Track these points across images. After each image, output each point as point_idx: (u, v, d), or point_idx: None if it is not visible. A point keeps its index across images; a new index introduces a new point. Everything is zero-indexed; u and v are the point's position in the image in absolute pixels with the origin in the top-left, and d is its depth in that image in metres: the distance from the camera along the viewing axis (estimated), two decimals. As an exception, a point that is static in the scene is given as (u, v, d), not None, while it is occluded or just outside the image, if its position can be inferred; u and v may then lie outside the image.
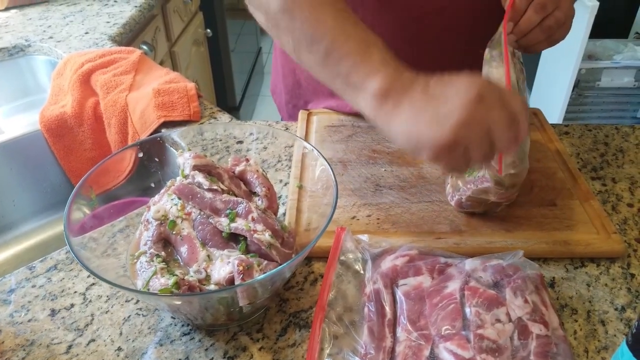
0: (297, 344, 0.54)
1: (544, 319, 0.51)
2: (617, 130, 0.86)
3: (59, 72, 1.10)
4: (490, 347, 0.48)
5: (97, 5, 1.46)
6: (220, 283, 0.51)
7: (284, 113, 1.02)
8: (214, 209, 0.56)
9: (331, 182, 0.56)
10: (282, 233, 0.55)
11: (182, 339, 0.55)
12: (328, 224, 0.50)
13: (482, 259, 0.57)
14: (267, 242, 0.53)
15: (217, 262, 0.53)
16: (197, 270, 0.53)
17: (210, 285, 0.51)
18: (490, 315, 0.51)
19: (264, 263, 0.51)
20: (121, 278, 0.55)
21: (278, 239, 0.54)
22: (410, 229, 0.63)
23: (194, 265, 0.53)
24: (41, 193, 1.05)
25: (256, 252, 0.54)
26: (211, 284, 0.52)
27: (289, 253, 0.55)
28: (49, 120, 0.99)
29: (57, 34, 1.28)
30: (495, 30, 0.66)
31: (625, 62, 2.17)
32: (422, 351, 0.49)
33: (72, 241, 0.52)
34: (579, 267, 0.61)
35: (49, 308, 0.59)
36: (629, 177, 0.75)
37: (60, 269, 0.64)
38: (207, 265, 0.53)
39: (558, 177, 0.72)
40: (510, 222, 0.64)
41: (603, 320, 0.55)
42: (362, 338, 0.52)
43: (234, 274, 0.50)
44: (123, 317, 0.57)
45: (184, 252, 0.55)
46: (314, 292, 0.59)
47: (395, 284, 0.56)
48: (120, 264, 0.62)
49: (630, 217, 0.68)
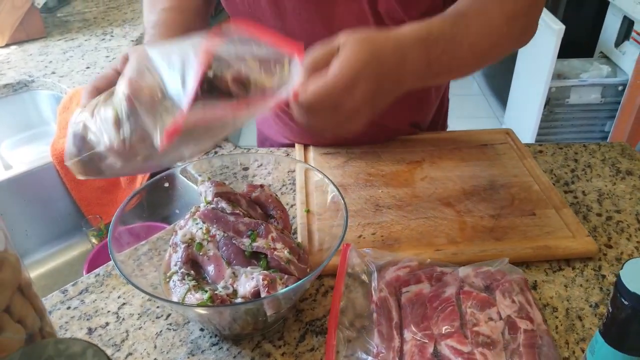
0: (315, 348, 0.61)
1: (529, 316, 0.59)
2: (585, 148, 0.96)
3: (64, 106, 1.16)
4: (485, 341, 0.56)
5: (95, 40, 1.53)
6: (246, 296, 0.58)
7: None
8: (237, 231, 0.62)
9: (340, 206, 0.63)
10: (298, 250, 0.63)
11: (212, 348, 0.61)
12: (341, 242, 0.58)
13: (473, 266, 0.65)
14: (286, 258, 0.60)
15: (242, 278, 0.60)
16: (225, 286, 0.60)
17: (238, 299, 0.58)
18: (484, 314, 0.59)
19: (285, 277, 0.58)
20: (150, 302, 0.61)
21: (295, 256, 0.61)
22: (412, 244, 0.70)
23: (222, 282, 0.60)
24: (52, 222, 1.10)
25: (276, 267, 0.60)
26: (238, 297, 0.58)
27: (304, 268, 0.62)
28: (61, 153, 1.04)
29: (59, 69, 1.35)
30: None
31: (592, 80, 2.31)
32: (426, 349, 0.57)
33: (121, 268, 0.58)
34: (557, 271, 0.70)
35: (85, 327, 0.64)
36: (597, 189, 0.85)
37: (92, 291, 0.69)
38: (233, 282, 0.60)
39: (534, 190, 0.81)
40: (498, 232, 0.72)
41: (580, 316, 0.64)
42: (372, 340, 0.59)
43: (259, 287, 0.57)
44: (155, 332, 0.64)
45: (211, 271, 0.62)
46: (326, 302, 0.66)
47: (399, 292, 0.63)
48: (148, 283, 0.68)
49: (600, 225, 0.77)
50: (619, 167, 0.90)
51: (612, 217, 0.79)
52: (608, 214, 0.79)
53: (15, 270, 0.44)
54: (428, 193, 0.79)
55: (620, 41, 2.34)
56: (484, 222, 0.73)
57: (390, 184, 0.82)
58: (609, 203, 0.81)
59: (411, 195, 0.79)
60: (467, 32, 0.62)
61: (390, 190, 0.80)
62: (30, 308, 0.46)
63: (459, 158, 0.89)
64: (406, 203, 0.77)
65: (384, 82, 0.56)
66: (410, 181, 0.82)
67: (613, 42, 2.37)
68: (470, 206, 0.77)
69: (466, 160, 0.88)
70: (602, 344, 0.50)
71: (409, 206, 0.77)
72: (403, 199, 0.78)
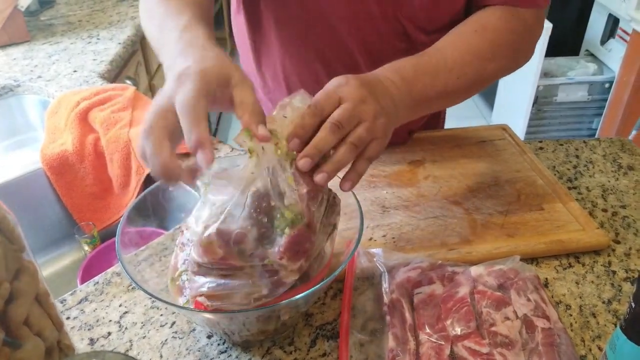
0: (327, 353, 0.59)
1: (545, 314, 0.58)
2: (585, 144, 0.95)
3: (52, 110, 1.13)
4: (503, 341, 0.55)
5: (81, 43, 1.49)
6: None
7: None
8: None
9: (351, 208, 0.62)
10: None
11: (220, 356, 0.59)
12: (357, 245, 0.56)
13: (485, 265, 0.64)
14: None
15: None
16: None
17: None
18: (500, 314, 0.57)
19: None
20: (153, 309, 0.59)
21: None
22: (424, 244, 0.69)
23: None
24: (43, 230, 1.07)
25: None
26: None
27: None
28: (51, 159, 1.01)
29: (45, 73, 1.31)
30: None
31: (579, 78, 2.34)
32: (443, 350, 0.55)
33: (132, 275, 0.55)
34: (567, 268, 0.69)
35: (87, 337, 0.62)
36: (600, 185, 0.84)
37: (92, 300, 0.67)
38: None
39: (539, 184, 0.80)
40: (509, 229, 0.71)
41: (594, 313, 0.63)
42: (385, 344, 0.58)
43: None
44: (160, 340, 0.61)
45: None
46: (336, 306, 0.64)
47: (411, 293, 0.62)
48: (150, 289, 0.66)
49: (606, 221, 0.77)
50: (620, 162, 0.90)
51: (617, 212, 0.78)
52: (613, 209, 0.79)
53: (34, 279, 0.41)
54: (433, 192, 0.78)
55: (605, 39, 2.37)
56: (494, 219, 0.72)
57: (394, 184, 0.80)
58: (614, 198, 0.81)
59: (417, 195, 0.78)
60: (446, 63, 0.66)
61: (394, 190, 0.79)
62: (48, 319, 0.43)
63: (460, 155, 0.88)
64: (413, 203, 0.76)
65: (374, 90, 0.59)
66: (414, 181, 0.81)
67: (599, 40, 2.39)
68: (477, 203, 0.76)
69: (467, 157, 0.87)
70: (623, 340, 0.49)
71: (416, 206, 0.75)
72: (409, 199, 0.77)
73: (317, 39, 0.81)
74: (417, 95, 0.64)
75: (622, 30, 2.21)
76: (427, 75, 0.65)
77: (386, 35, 0.79)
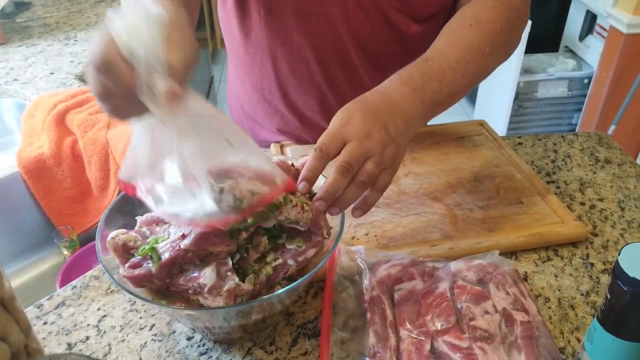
0: (308, 352, 0.59)
1: (524, 308, 0.58)
2: (563, 138, 0.96)
3: (29, 113, 1.11)
4: (483, 335, 0.55)
5: (57, 45, 1.47)
6: None
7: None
8: None
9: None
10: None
11: (201, 358, 0.59)
12: (337, 242, 0.56)
13: (465, 260, 0.64)
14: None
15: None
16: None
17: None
18: (479, 308, 0.58)
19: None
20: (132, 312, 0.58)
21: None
22: (407, 241, 0.69)
23: None
24: (21, 235, 1.05)
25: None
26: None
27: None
28: (27, 162, 1.00)
29: (21, 76, 1.29)
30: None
31: (559, 74, 2.36)
32: (423, 346, 0.55)
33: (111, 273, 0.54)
34: (546, 261, 0.69)
35: (64, 342, 0.61)
36: (578, 179, 0.85)
37: (69, 304, 0.66)
38: None
39: (517, 179, 0.81)
40: (489, 223, 0.72)
41: (572, 305, 0.63)
42: (366, 341, 0.58)
43: None
44: (139, 344, 0.60)
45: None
46: (317, 304, 0.64)
47: (391, 290, 0.62)
48: (126, 298, 0.65)
49: (584, 214, 0.78)
50: (597, 156, 0.91)
51: (595, 205, 0.79)
52: (591, 202, 0.80)
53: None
54: (414, 189, 0.78)
55: (584, 35, 2.40)
56: (474, 214, 0.73)
57: (374, 181, 0.80)
58: (591, 192, 0.82)
59: (397, 192, 0.78)
60: (449, 65, 0.67)
61: (375, 187, 0.79)
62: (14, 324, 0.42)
63: (439, 152, 0.88)
64: (394, 200, 0.76)
65: (379, 115, 0.59)
66: (395, 178, 0.81)
67: (577, 36, 2.42)
68: (458, 199, 0.76)
69: (446, 153, 0.88)
70: (600, 331, 0.50)
71: (397, 203, 0.75)
72: (390, 196, 0.77)
73: (308, 27, 0.80)
74: (428, 103, 0.64)
75: (600, 26, 2.24)
76: (434, 80, 0.65)
77: (377, 24, 0.79)
